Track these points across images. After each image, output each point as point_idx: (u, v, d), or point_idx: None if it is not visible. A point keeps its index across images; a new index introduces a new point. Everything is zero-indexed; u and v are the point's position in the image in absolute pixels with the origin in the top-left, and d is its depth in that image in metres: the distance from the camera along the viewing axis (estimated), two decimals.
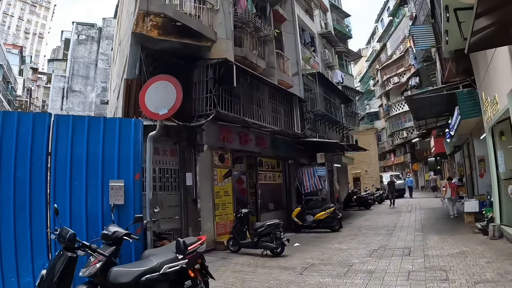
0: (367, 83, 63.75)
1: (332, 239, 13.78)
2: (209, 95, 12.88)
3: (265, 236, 11.47)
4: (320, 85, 21.14)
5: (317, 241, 13.75)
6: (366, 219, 19.77)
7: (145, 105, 7.54)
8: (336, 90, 24.09)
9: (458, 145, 22.54)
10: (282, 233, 11.44)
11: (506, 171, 11.54)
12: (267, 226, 11.51)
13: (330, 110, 22.08)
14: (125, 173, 7.39)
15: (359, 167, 37.84)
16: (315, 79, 20.12)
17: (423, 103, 16.00)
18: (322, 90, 21.77)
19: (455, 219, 16.38)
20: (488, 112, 11.57)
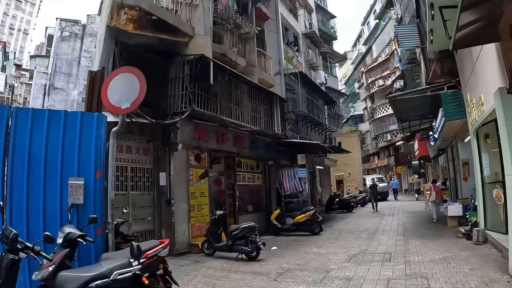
0: (352, 86, 63.64)
1: (311, 243, 13.38)
2: (184, 92, 12.44)
3: (240, 239, 11.01)
4: (302, 85, 20.75)
5: (296, 244, 13.33)
6: (348, 222, 19.39)
7: (107, 98, 7.00)
8: (319, 91, 23.71)
9: (442, 148, 22.31)
10: (258, 237, 10.97)
11: (491, 175, 11.23)
12: (242, 229, 11.05)
13: (312, 111, 21.69)
14: (86, 170, 7.00)
15: (343, 170, 37.55)
16: (297, 79, 19.68)
17: (407, 104, 15.66)
18: (305, 90, 21.38)
19: (438, 223, 16.07)
20: (473, 113, 11.24)
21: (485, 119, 10.26)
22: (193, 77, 12.46)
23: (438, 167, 28.66)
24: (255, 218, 15.86)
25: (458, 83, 13.09)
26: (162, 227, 11.91)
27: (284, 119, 18.71)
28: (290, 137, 18.85)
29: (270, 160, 18.32)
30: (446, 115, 13.17)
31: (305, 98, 21.05)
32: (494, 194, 10.79)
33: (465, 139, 16.24)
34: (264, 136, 17.16)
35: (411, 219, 18.65)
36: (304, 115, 20.04)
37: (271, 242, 13.69)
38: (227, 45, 14.99)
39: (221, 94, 14.25)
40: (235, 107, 14.94)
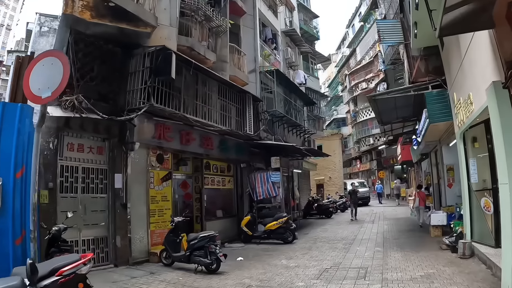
0: (335, 89, 62.91)
1: (282, 253, 12.36)
2: (143, 86, 11.33)
3: (199, 249, 9.93)
4: (279, 84, 19.72)
5: (265, 254, 12.31)
6: (325, 229, 18.35)
7: (28, 86, 5.78)
8: (297, 91, 22.59)
9: (425, 153, 21.37)
10: (218, 247, 9.91)
11: (478, 182, 10.32)
12: (200, 238, 9.96)
13: (289, 112, 20.60)
14: (4, 169, 6.14)
15: (323, 174, 36.54)
16: (273, 77, 18.51)
17: (388, 105, 14.67)
18: (282, 90, 20.32)
19: (420, 231, 15.08)
20: (460, 115, 10.26)
21: (474, 121, 9.36)
22: (153, 70, 11.40)
23: (421, 172, 27.75)
24: (225, 224, 15.26)
25: (444, 82, 12.16)
26: (117, 234, 10.85)
27: (258, 119, 17.58)
28: (265, 139, 17.72)
29: (243, 162, 17.19)
30: (430, 117, 12.19)
31: (282, 98, 19.96)
32: (482, 203, 9.88)
33: (450, 143, 15.39)
34: (235, 137, 16.04)
35: (392, 226, 17.67)
36: (280, 115, 18.90)
37: (239, 250, 12.89)
38: (196, 38, 13.85)
39: (186, 90, 13.14)
40: (202, 104, 13.78)
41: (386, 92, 13.22)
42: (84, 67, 10.74)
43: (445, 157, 16.17)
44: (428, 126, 12.75)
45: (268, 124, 18.56)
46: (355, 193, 22.68)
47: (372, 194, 42.05)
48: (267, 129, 18.00)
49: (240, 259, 11.44)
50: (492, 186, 9.42)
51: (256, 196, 16.49)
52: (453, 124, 11.96)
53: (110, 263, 10.63)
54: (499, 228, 8.51)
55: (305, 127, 23.44)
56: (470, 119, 9.24)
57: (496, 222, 9.11)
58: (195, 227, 14.32)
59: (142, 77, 11.41)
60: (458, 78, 10.19)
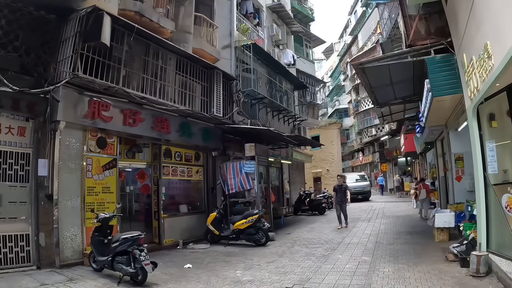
0: (337, 79, 59.89)
1: (244, 260, 9.99)
2: (70, 55, 9.18)
3: (121, 254, 7.68)
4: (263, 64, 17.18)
5: (223, 261, 9.96)
6: (312, 228, 15.71)
7: None
8: (285, 73, 19.77)
9: (430, 142, 18.68)
10: (144, 253, 7.49)
11: (498, 173, 7.62)
12: (122, 240, 7.71)
13: (273, 94, 17.84)
14: None
15: (320, 166, 33.76)
16: (250, 52, 15.74)
17: (383, 78, 11.99)
18: (266, 70, 17.67)
19: (422, 235, 12.22)
20: (473, 81, 7.63)
21: (492, 87, 6.87)
22: (81, 35, 9.17)
23: (426, 164, 25.06)
24: (190, 222, 13.45)
25: (450, 45, 9.46)
26: (40, 230, 8.94)
27: (232, 100, 14.89)
28: (239, 123, 15.03)
29: (214, 150, 14.58)
30: (434, 89, 9.48)
31: (265, 78, 17.30)
32: (504, 201, 7.32)
33: (459, 127, 12.77)
34: (201, 120, 13.48)
35: (389, 226, 14.99)
36: (259, 97, 16.13)
37: (198, 254, 11.08)
38: (148, 4, 11.49)
39: (130, 62, 10.82)
40: (152, 79, 11.30)
41: (377, 58, 10.42)
42: (6, 36, 8.89)
43: (453, 145, 13.56)
44: (431, 102, 10.02)
45: (246, 106, 15.89)
46: (342, 190, 15.64)
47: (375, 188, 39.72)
48: (241, 111, 15.25)
49: (188, 266, 9.28)
50: None
51: (227, 189, 13.92)
52: (462, 98, 9.39)
53: (33, 264, 8.81)
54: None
55: (294, 113, 20.58)
56: (488, 83, 6.62)
57: None
58: (154, 225, 12.47)
59: (73, 45, 9.23)
60: (469, 33, 7.57)
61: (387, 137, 37.17)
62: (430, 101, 10.15)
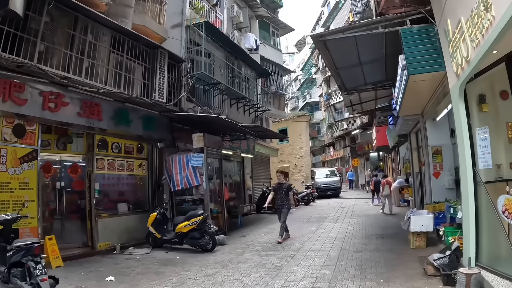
0: (309, 71, 58.45)
1: (178, 273, 8.22)
2: None
3: (17, 266, 6.01)
4: (218, 46, 15.35)
5: (153, 273, 8.24)
6: (271, 230, 13.87)
7: None
8: (246, 58, 17.87)
9: (404, 135, 17.16)
10: (41, 265, 5.84)
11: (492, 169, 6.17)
12: (15, 249, 6.03)
13: (231, 81, 15.96)
14: None
15: (288, 161, 32.07)
16: (202, 31, 13.78)
17: (349, 57, 10.27)
18: (223, 54, 15.80)
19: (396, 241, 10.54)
20: (461, 51, 6.04)
21: (488, 55, 5.20)
22: None
23: (399, 159, 23.64)
24: (131, 222, 11.75)
25: (430, 14, 7.80)
26: None
27: (181, 85, 12.98)
28: (188, 110, 13.10)
29: (161, 141, 12.68)
30: (410, 65, 7.77)
31: (222, 64, 15.42)
32: (500, 203, 5.64)
33: (437, 116, 11.22)
34: (142, 106, 11.53)
35: (358, 227, 13.36)
36: (213, 82, 14.17)
37: (131, 262, 9.37)
38: None
39: (51, 36, 8.94)
40: (80, 57, 9.44)
41: (341, 29, 8.59)
42: None
43: (430, 137, 12.09)
44: (407, 83, 8.35)
45: (198, 93, 14.01)
46: (282, 190, 11.94)
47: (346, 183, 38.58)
48: (191, 97, 13.33)
49: (110, 279, 7.64)
50: None
51: (173, 186, 12.04)
52: (443, 78, 7.85)
53: None
54: None
55: (257, 103, 18.72)
56: (485, 47, 5.02)
57: None
58: (88, 226, 10.64)
59: None
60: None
61: (359, 131, 35.83)
62: (405, 82, 8.50)
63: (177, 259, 9.57)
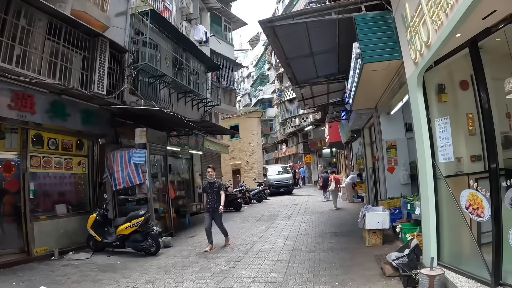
0: (262, 68, 58.13)
1: (117, 280, 7.41)
2: None
3: None
4: (166, 37, 14.50)
5: (90, 281, 7.41)
6: None
7: None
8: (195, 51, 17.07)
9: (357, 130, 16.90)
10: None
11: (452, 163, 5.83)
12: None
13: (178, 73, 15.14)
14: None
15: (239, 157, 31.46)
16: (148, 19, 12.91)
17: (300, 45, 9.70)
18: (171, 46, 14.97)
19: (351, 238, 10.16)
20: (420, 36, 5.69)
21: (451, 38, 4.84)
22: None
23: (351, 155, 23.53)
24: (70, 225, 10.64)
25: (386, 1, 7.38)
26: None
27: (123, 76, 12.09)
28: (131, 104, 12.23)
29: (102, 137, 11.75)
30: (364, 53, 7.30)
31: (170, 56, 14.59)
32: (463, 199, 5.32)
33: (391, 109, 10.92)
34: (81, 98, 10.60)
35: (311, 225, 12.94)
36: (158, 74, 13.31)
37: (69, 269, 8.41)
38: None
39: None
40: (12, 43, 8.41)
41: (292, 14, 8.01)
42: None
43: (384, 131, 11.80)
44: (361, 73, 7.89)
45: (143, 86, 13.13)
46: (213, 190, 10.25)
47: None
48: (133, 90, 12.43)
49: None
50: (489, 168, 4.83)
51: (115, 185, 11.16)
52: (399, 68, 7.50)
53: None
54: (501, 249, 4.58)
55: (206, 97, 17.92)
56: (448, 29, 4.62)
57: (497, 236, 4.62)
58: (23, 230, 9.44)
59: None
60: None
61: (311, 128, 35.72)
62: (359, 73, 8.05)
63: (118, 264, 8.76)
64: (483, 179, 5.31)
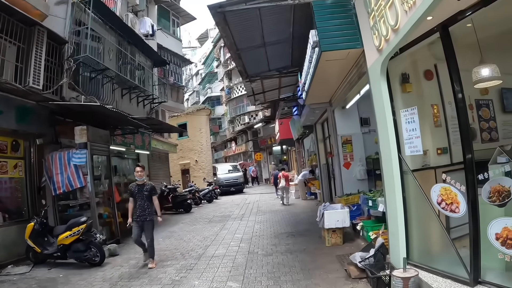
0: (210, 65, 57.13)
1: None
2: None
3: None
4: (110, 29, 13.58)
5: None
6: (171, 234, 12.42)
7: None
8: (141, 45, 16.15)
9: (309, 126, 16.61)
10: None
11: (417, 156, 5.53)
12: None
13: (123, 68, 14.21)
14: None
15: (188, 157, 30.57)
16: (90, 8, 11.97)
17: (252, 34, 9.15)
18: (116, 39, 14.04)
19: (310, 238, 9.67)
20: (386, 20, 5.30)
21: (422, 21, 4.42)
22: None
23: (303, 152, 23.28)
24: (8, 235, 9.36)
25: None
26: None
27: (62, 70, 11.10)
28: (71, 100, 11.25)
29: (40, 136, 10.71)
30: (323, 41, 6.83)
31: (114, 49, 13.66)
32: (435, 194, 4.97)
33: (347, 103, 10.63)
34: (15, 93, 9.57)
35: (265, 225, 12.43)
36: (100, 68, 12.37)
37: (8, 284, 7.51)
38: None
39: None
40: None
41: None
42: None
43: (339, 126, 11.57)
44: (318, 63, 7.41)
45: (85, 80, 12.15)
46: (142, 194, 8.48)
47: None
48: (74, 85, 11.44)
49: None
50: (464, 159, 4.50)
51: (54, 189, 10.15)
52: (360, 57, 7.08)
53: None
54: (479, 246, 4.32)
55: (152, 94, 16.99)
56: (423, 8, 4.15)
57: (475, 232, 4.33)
58: None
59: None
60: None
61: (261, 125, 35.34)
62: (315, 63, 7.59)
63: (59, 278, 7.86)
64: (452, 172, 5.01)
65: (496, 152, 4.84)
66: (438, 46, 6.08)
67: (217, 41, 46.38)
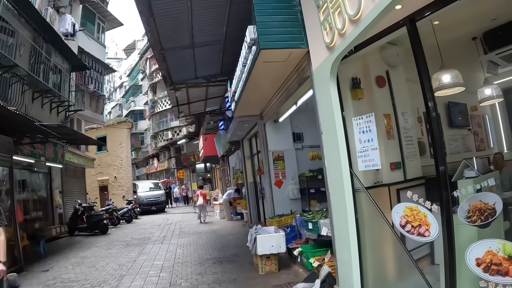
0: (135, 78, 54.97)
1: None
2: None
3: None
4: (26, 23, 11.97)
5: None
6: (83, 259, 10.72)
7: None
8: (59, 44, 14.41)
9: (235, 142, 15.73)
10: None
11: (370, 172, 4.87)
12: None
13: (35, 68, 12.48)
14: None
15: (107, 173, 28.50)
16: None
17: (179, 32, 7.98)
18: (31, 35, 12.41)
19: (240, 264, 8.58)
20: (343, 10, 4.41)
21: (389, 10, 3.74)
22: None
23: (228, 169, 22.32)
24: None
25: None
26: None
27: None
28: None
29: None
30: (262, 38, 5.91)
31: (23, 41, 11.95)
32: (397, 215, 4.19)
33: (280, 116, 9.90)
34: None
35: (189, 250, 11.16)
36: (8, 64, 10.60)
37: None
38: None
39: None
40: None
41: None
42: None
43: (270, 141, 10.76)
44: (253, 64, 6.46)
45: None
46: None
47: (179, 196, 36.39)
48: None
49: None
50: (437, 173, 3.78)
51: None
52: (302, 60, 6.33)
53: None
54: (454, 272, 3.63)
55: (68, 99, 15.21)
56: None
57: (450, 257, 3.65)
58: None
59: None
60: None
61: (184, 141, 34.05)
62: (251, 65, 6.66)
63: None
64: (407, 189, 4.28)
65: (462, 165, 4.21)
66: (390, 51, 5.47)
67: (144, 52, 44.77)
